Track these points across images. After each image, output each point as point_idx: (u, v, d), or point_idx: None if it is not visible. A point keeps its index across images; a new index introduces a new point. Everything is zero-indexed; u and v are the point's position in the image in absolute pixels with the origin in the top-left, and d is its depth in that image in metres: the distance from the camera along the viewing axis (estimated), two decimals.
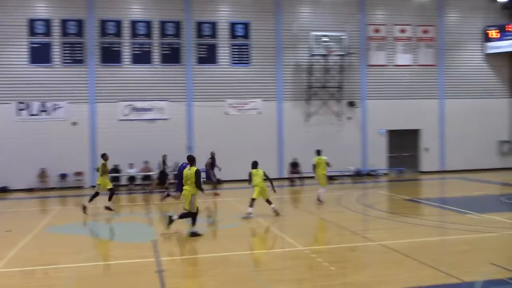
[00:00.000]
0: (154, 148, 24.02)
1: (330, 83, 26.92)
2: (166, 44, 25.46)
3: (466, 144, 28.49)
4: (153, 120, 25.22)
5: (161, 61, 25.40)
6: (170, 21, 25.54)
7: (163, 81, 25.40)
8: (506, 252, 10.95)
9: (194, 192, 12.30)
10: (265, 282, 8.81)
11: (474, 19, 28.99)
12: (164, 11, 25.48)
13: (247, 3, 26.39)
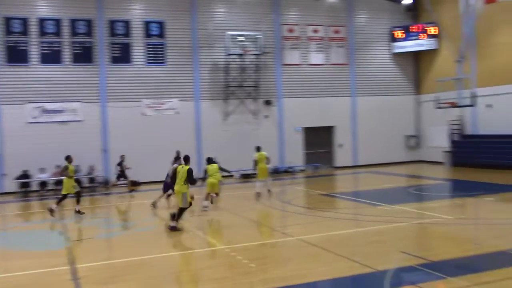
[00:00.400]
0: (67, 152, 22.79)
1: (246, 82, 27.18)
2: (77, 43, 24.49)
3: (376, 139, 29.88)
4: (65, 122, 24.17)
5: (73, 60, 24.39)
6: (81, 19, 24.59)
7: (75, 81, 24.41)
8: (414, 240, 11.62)
9: (185, 189, 12.88)
10: (185, 284, 8.74)
11: (381, 20, 30.45)
12: (74, 9, 24.48)
13: (162, 2, 26.00)
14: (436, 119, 29.03)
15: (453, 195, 19.29)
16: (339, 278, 8.58)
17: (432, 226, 12.74)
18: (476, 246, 10.55)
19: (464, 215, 14.50)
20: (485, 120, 26.55)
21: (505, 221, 12.68)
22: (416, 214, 14.30)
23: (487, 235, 11.60)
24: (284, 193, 20.34)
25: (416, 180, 23.63)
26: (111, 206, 18.12)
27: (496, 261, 9.16)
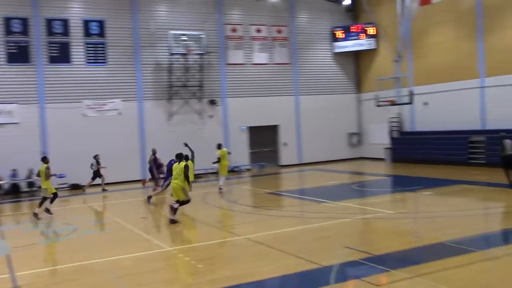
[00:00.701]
0: (3, 155, 22.16)
1: (190, 82, 27.00)
2: (12, 42, 23.52)
3: (320, 137, 30.45)
4: (0, 124, 23.18)
5: (8, 60, 23.40)
6: (16, 18, 23.64)
7: (11, 82, 23.43)
8: (358, 235, 11.94)
9: (183, 184, 13.77)
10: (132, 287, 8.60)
11: (322, 20, 31.04)
12: (8, 7, 23.49)
13: (101, 0, 25.38)
14: (376, 117, 29.92)
15: (394, 190, 19.96)
16: (286, 275, 8.70)
17: (375, 221, 13.14)
18: (416, 238, 10.96)
19: (405, 209, 15.04)
20: (422, 117, 27.64)
21: (442, 214, 13.24)
22: (359, 210, 14.70)
23: (426, 228, 12.08)
24: (231, 192, 20.36)
25: (358, 176, 24.27)
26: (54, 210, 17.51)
27: (435, 252, 9.56)
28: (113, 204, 19.05)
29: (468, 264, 8.60)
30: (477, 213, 13.75)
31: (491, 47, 23.73)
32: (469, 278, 7.90)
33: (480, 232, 11.30)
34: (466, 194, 16.86)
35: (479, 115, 24.46)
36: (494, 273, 8.37)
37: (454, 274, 8.10)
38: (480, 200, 15.93)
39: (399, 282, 7.87)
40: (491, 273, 8.38)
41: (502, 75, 23.26)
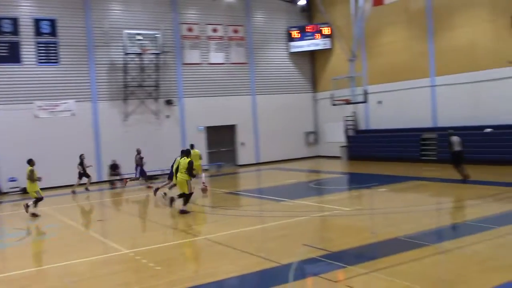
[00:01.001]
0: None
1: (146, 82, 26.65)
2: None
3: (277, 136, 30.66)
4: None
5: None
6: None
7: None
8: (316, 233, 12.09)
9: (187, 178, 14.75)
10: None
11: (278, 20, 31.25)
12: None
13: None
14: (332, 115, 30.37)
15: (350, 187, 20.31)
16: (245, 274, 8.72)
17: (332, 218, 13.33)
18: (372, 234, 11.19)
19: (361, 206, 15.32)
20: (376, 115, 28.26)
21: (397, 210, 13.57)
22: (317, 208, 14.88)
23: (381, 224, 12.35)
24: None
25: (316, 174, 24.58)
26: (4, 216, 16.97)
27: (390, 247, 9.79)
28: (68, 207, 18.60)
29: (421, 258, 8.85)
30: (430, 208, 14.16)
31: (441, 47, 24.49)
32: (423, 271, 8.13)
33: (433, 226, 11.65)
34: (419, 189, 17.35)
35: (430, 113, 25.21)
36: (445, 266, 8.65)
37: (408, 268, 8.32)
38: (433, 195, 16.42)
39: (356, 277, 8.02)
40: (443, 266, 8.65)
41: (451, 74, 24.05)
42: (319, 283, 7.98)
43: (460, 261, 8.64)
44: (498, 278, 7.32)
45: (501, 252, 8.88)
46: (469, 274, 7.79)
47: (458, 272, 8.00)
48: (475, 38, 22.98)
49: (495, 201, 13.85)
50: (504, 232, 10.24)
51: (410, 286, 7.37)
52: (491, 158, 21.58)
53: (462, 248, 9.29)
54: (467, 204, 13.64)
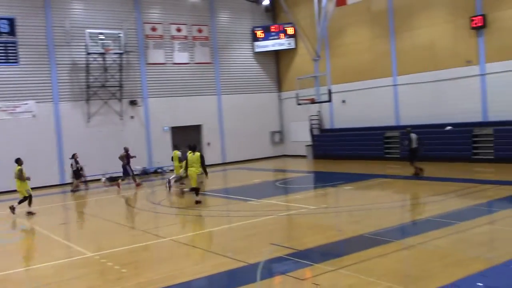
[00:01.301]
0: None
1: (110, 82, 26.26)
2: None
3: (243, 136, 30.68)
4: None
5: None
6: None
7: None
8: (282, 232, 12.16)
9: (198, 171, 15.89)
10: None
11: (243, 20, 31.27)
12: None
13: None
14: (297, 115, 30.58)
15: (316, 186, 20.51)
16: (212, 275, 8.69)
17: (298, 217, 13.44)
18: (338, 232, 11.33)
19: (326, 204, 15.49)
20: (340, 114, 28.62)
21: (362, 207, 13.78)
22: (283, 207, 14.97)
23: (347, 221, 12.52)
24: (154, 194, 20.05)
25: (282, 174, 24.70)
26: None
27: (356, 244, 9.93)
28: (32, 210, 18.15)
29: (386, 254, 9.01)
30: (394, 205, 14.43)
31: (403, 46, 25.00)
32: (387, 267, 8.28)
33: (396, 223, 11.87)
34: (384, 187, 17.66)
35: (393, 111, 25.70)
36: (409, 261, 8.85)
37: (373, 264, 8.46)
38: (396, 192, 16.74)
39: (323, 275, 8.11)
40: (407, 262, 8.84)
41: (412, 74, 24.58)
42: (287, 282, 8.02)
43: (423, 256, 8.84)
44: (460, 272, 7.52)
45: (461, 247, 9.13)
46: (432, 269, 7.98)
47: (422, 267, 8.18)
48: (435, 38, 23.55)
49: (456, 197, 14.22)
50: (465, 227, 10.53)
51: (375, 282, 7.50)
52: (451, 155, 22.17)
53: (425, 244, 9.50)
54: (429, 201, 13.97)
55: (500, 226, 10.59)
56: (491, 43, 21.49)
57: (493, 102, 21.63)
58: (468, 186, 15.67)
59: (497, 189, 14.87)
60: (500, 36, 21.17)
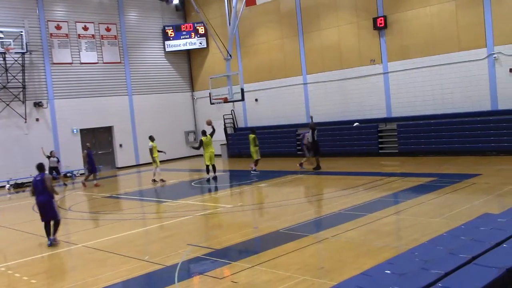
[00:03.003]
0: None
1: (12, 83, 24.77)
2: None
3: (157, 136, 29.95)
4: None
5: None
6: None
7: None
8: (199, 232, 12.13)
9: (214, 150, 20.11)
10: None
11: (153, 19, 30.75)
12: None
13: None
14: (211, 114, 30.52)
15: (232, 184, 20.64)
16: (129, 279, 8.50)
17: (215, 216, 13.47)
18: (255, 229, 11.50)
19: (242, 202, 15.64)
20: (253, 113, 29.00)
21: (277, 204, 14.07)
22: (200, 206, 14.93)
23: (263, 218, 12.73)
24: (64, 199, 19.22)
25: (197, 174, 24.57)
26: None
27: (272, 240, 10.12)
28: None
29: (301, 248, 9.27)
30: (308, 200, 14.88)
31: (311, 46, 25.79)
32: (303, 261, 8.52)
33: (311, 217, 12.25)
34: (297, 183, 18.14)
35: (304, 109, 26.43)
36: (323, 254, 9.17)
37: (289, 259, 8.67)
38: (309, 187, 17.26)
39: (241, 272, 8.19)
40: (321, 254, 9.16)
41: (321, 72, 25.45)
42: (205, 282, 8.03)
43: (336, 248, 9.19)
44: (370, 261, 7.90)
45: (371, 237, 9.59)
46: (345, 260, 8.32)
47: (335, 259, 8.51)
48: (341, 38, 24.52)
49: (364, 190, 14.91)
50: (373, 218, 11.08)
51: (291, 276, 7.70)
52: (360, 150, 23.21)
53: (338, 236, 9.89)
54: (340, 194, 14.53)
55: (405, 215, 11.25)
56: (392, 43, 22.74)
57: (396, 99, 22.90)
58: (376, 179, 16.48)
59: (402, 181, 15.79)
60: (399, 36, 22.46)
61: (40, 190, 11.28)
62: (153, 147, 21.31)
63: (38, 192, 11.33)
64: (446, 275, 5.00)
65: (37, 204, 11.61)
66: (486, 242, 5.94)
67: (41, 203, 11.36)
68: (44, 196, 11.29)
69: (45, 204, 11.35)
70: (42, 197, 11.32)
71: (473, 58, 20.37)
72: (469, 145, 19.96)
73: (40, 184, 11.25)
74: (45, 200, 11.30)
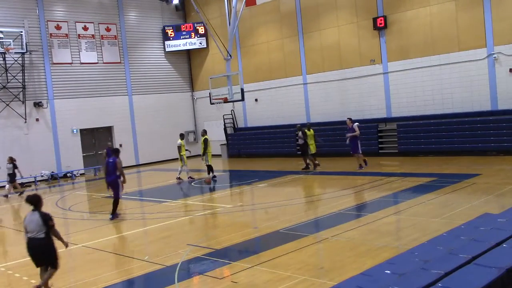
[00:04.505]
0: None
1: (12, 83, 24.77)
2: None
3: (157, 136, 30.19)
4: None
5: None
6: None
7: None
8: (199, 232, 12.13)
9: None
10: None
11: (153, 19, 30.74)
12: None
13: None
14: (211, 114, 30.59)
15: (231, 184, 20.63)
16: (129, 279, 8.51)
17: (215, 216, 13.47)
18: (255, 229, 11.49)
19: (242, 202, 15.65)
20: (253, 113, 29.00)
21: (276, 204, 14.07)
22: (199, 207, 14.93)
23: (262, 218, 12.73)
24: (64, 199, 19.22)
25: (197, 174, 24.55)
26: None
27: (272, 241, 10.12)
28: None
29: (301, 248, 9.27)
30: (308, 200, 14.88)
31: (311, 46, 25.79)
32: (303, 261, 8.52)
33: (311, 217, 12.24)
34: (297, 183, 18.13)
35: (304, 109, 26.43)
36: (323, 254, 9.17)
37: (289, 259, 8.67)
38: (309, 187, 17.26)
39: (240, 272, 8.19)
40: (321, 254, 9.16)
41: (321, 72, 25.44)
42: (205, 282, 8.02)
43: (336, 248, 9.19)
44: (369, 261, 7.90)
45: (371, 237, 9.59)
46: (344, 260, 8.32)
47: (335, 259, 8.51)
48: (341, 38, 24.51)
49: (364, 190, 14.91)
50: (373, 218, 11.08)
51: (291, 276, 7.69)
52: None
53: (337, 236, 9.88)
54: (340, 194, 14.53)
55: (405, 215, 11.25)
56: (391, 43, 22.73)
57: (396, 99, 22.89)
58: (375, 179, 16.48)
59: (401, 181, 15.78)
60: (399, 36, 22.45)
61: (110, 171, 13.31)
62: (181, 145, 20.95)
63: (109, 172, 13.39)
64: (446, 275, 5.00)
65: (106, 182, 13.64)
66: (486, 242, 5.94)
67: (110, 182, 13.40)
68: (112, 177, 13.30)
69: (113, 183, 13.35)
70: (111, 177, 13.35)
71: (473, 58, 20.37)
72: (469, 145, 19.96)
73: (111, 166, 13.28)
74: (113, 180, 13.31)
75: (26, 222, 7.81)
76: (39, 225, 7.65)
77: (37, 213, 7.74)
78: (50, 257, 7.90)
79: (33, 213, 7.78)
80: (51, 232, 7.77)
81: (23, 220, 7.97)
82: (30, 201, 7.85)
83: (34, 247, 7.78)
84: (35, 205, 7.85)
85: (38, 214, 7.72)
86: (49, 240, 7.81)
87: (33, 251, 7.81)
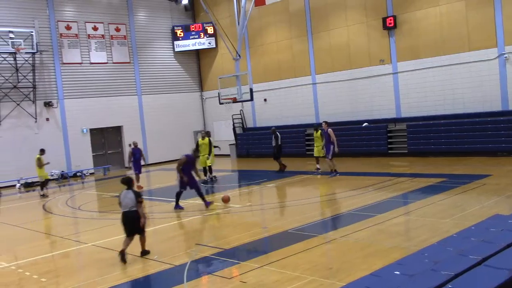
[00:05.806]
0: None
1: (22, 83, 24.96)
2: None
3: (166, 136, 30.28)
4: None
5: None
6: None
7: None
8: (208, 231, 12.15)
9: None
10: None
11: (162, 19, 30.84)
12: None
13: None
14: (220, 114, 30.63)
15: (240, 184, 20.66)
16: (137, 279, 8.53)
17: (224, 216, 13.48)
18: (263, 229, 11.48)
19: (251, 202, 15.64)
20: (262, 113, 28.99)
21: (285, 204, 14.07)
22: None
23: (271, 218, 12.72)
24: (74, 199, 19.32)
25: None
26: None
27: (281, 241, 10.11)
28: None
29: (309, 248, 9.25)
30: (316, 200, 14.84)
31: (320, 46, 25.73)
32: (311, 261, 8.50)
33: (319, 218, 12.21)
34: (305, 183, 18.09)
35: (313, 109, 26.38)
36: (332, 254, 9.14)
37: (298, 259, 8.65)
38: (318, 188, 17.22)
39: (249, 272, 8.19)
40: (329, 255, 9.13)
41: (330, 72, 25.37)
42: (214, 281, 8.03)
43: (344, 249, 9.16)
44: (379, 262, 7.86)
45: (380, 238, 9.55)
46: (353, 261, 8.29)
47: (344, 259, 8.48)
48: (350, 38, 24.43)
49: (373, 190, 14.85)
50: (382, 218, 11.03)
51: (300, 277, 7.68)
52: (369, 150, 23.11)
53: (346, 237, 9.85)
54: (349, 195, 14.48)
55: (414, 216, 11.19)
56: (401, 43, 22.62)
57: (405, 99, 22.78)
58: (385, 179, 16.41)
59: (411, 182, 15.70)
60: (409, 36, 22.34)
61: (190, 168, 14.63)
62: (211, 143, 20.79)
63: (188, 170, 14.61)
64: (456, 276, 4.97)
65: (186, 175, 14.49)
66: (496, 244, 5.90)
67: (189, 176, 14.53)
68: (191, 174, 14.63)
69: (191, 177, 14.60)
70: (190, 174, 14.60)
71: (484, 58, 20.22)
72: (479, 146, 19.81)
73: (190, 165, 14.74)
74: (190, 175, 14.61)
75: (122, 198, 9.74)
76: (132, 200, 9.52)
77: (131, 191, 9.68)
78: (139, 227, 9.61)
79: (127, 191, 9.71)
80: (139, 207, 9.53)
81: (118, 196, 9.90)
82: (124, 182, 9.94)
83: (128, 219, 9.61)
84: (128, 185, 9.85)
85: (132, 192, 9.65)
86: (138, 214, 9.54)
87: (127, 222, 9.62)
